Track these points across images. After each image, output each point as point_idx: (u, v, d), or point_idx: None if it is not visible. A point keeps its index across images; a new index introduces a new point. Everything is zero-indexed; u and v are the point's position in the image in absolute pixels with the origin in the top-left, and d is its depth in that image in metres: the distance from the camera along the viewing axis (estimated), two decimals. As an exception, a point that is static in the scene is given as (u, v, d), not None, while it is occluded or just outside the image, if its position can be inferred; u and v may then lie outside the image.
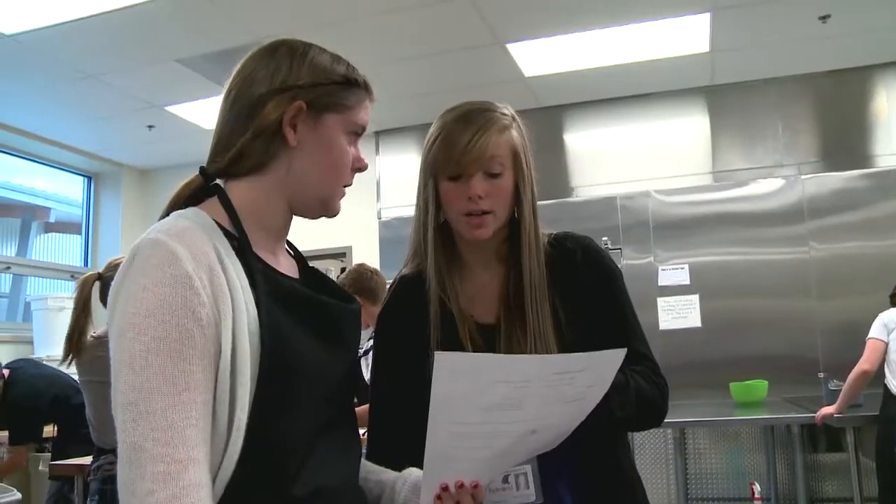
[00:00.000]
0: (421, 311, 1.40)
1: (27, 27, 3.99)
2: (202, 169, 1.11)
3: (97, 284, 3.00)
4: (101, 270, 3.06)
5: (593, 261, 1.45)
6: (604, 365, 1.09)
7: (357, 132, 1.14)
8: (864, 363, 3.79)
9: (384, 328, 1.51)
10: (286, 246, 1.20)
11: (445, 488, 1.08)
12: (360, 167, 1.16)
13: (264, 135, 1.07)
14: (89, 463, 3.14)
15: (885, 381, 3.75)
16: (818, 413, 3.90)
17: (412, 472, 1.19)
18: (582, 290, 1.41)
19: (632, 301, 1.46)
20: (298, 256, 1.22)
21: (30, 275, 6.24)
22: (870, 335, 3.88)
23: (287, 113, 1.07)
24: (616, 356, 1.08)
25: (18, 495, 3.79)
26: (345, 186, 1.15)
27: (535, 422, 1.06)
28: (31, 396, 3.81)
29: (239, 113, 1.09)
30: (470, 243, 1.43)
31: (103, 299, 3.01)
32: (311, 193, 1.11)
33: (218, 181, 1.12)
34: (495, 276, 1.43)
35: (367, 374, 3.44)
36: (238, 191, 1.09)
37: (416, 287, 1.43)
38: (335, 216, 1.17)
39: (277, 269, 1.09)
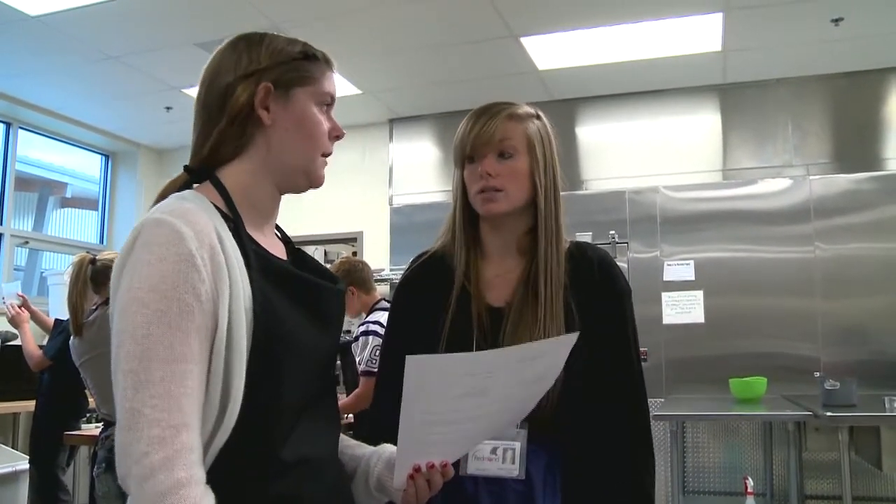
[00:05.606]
0: (439, 286, 1.50)
1: (51, 9, 4.08)
2: (186, 167, 1.17)
3: (90, 268, 3.17)
4: (95, 255, 3.25)
5: (609, 276, 1.53)
6: (559, 348, 1.18)
7: (327, 102, 1.20)
8: None
9: (404, 297, 1.61)
10: (275, 229, 1.25)
11: (418, 469, 1.16)
12: (338, 135, 1.22)
13: (238, 119, 1.13)
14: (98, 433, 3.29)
15: None
16: None
17: (386, 449, 1.25)
18: (594, 302, 1.48)
19: (638, 301, 1.55)
20: (286, 239, 1.27)
21: (46, 250, 6.33)
22: None
23: (257, 95, 1.13)
24: (569, 340, 1.17)
25: (26, 465, 3.88)
26: (324, 155, 1.20)
27: (498, 404, 1.15)
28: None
29: (211, 105, 1.15)
30: (492, 232, 1.53)
31: (93, 283, 3.18)
32: (294, 166, 1.17)
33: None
34: (515, 266, 1.52)
35: (358, 358, 3.56)
36: (227, 175, 1.15)
37: (439, 265, 1.54)
38: (321, 186, 1.22)
39: (268, 249, 1.15)
